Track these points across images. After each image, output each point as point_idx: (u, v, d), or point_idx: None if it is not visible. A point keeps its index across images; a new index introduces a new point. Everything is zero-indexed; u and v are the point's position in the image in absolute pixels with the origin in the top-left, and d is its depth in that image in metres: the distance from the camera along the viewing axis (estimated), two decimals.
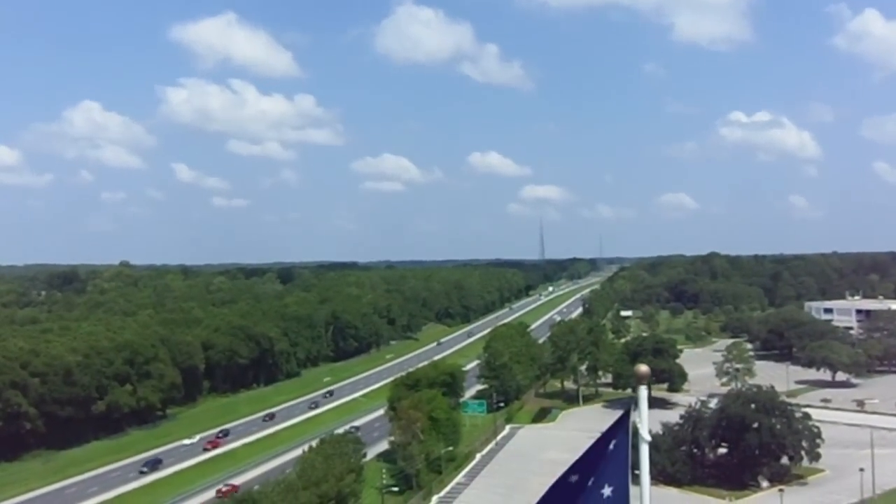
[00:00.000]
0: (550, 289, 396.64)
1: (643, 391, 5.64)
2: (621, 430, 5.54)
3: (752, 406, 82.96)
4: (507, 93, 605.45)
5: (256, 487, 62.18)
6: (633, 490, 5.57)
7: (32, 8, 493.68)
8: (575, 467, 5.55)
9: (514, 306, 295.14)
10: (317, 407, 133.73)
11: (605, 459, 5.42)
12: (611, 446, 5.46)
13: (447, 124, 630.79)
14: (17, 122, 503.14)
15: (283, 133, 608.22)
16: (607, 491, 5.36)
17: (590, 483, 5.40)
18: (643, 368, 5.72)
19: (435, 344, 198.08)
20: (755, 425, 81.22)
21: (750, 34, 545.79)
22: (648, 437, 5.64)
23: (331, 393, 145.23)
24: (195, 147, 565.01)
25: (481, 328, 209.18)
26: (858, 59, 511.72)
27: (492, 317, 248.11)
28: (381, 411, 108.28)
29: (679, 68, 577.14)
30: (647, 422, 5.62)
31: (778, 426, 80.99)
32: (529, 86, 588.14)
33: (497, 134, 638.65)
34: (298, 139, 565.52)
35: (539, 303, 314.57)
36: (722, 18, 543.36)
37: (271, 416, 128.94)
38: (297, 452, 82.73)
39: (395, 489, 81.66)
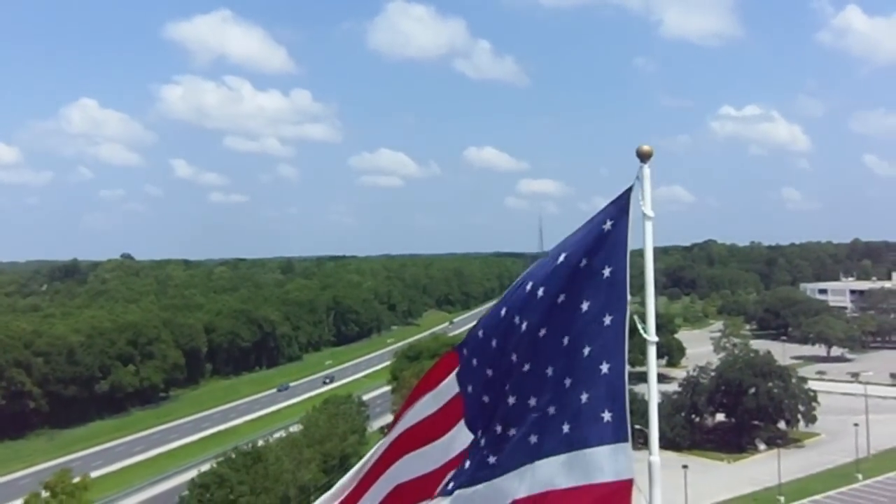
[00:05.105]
0: None
1: (646, 169, 5.34)
2: (620, 208, 4.99)
3: (750, 371, 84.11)
4: (501, 88, 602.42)
5: (261, 442, 62.95)
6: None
7: (27, 6, 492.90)
8: (564, 245, 5.09)
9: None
10: None
11: (603, 241, 4.95)
12: (606, 226, 4.97)
13: (443, 119, 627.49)
14: (15, 120, 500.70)
15: (280, 129, 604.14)
16: (606, 272, 4.95)
17: (583, 263, 4.99)
18: (646, 147, 5.54)
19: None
20: (752, 390, 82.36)
21: (738, 29, 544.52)
22: (651, 213, 5.15)
23: None
24: (193, 143, 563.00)
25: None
26: (844, 54, 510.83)
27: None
28: (383, 390, 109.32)
29: (669, 63, 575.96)
30: (650, 200, 5.18)
31: (775, 389, 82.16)
32: (523, 81, 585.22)
33: (492, 128, 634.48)
34: (296, 134, 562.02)
35: None
36: (709, 14, 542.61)
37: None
38: None
39: None
